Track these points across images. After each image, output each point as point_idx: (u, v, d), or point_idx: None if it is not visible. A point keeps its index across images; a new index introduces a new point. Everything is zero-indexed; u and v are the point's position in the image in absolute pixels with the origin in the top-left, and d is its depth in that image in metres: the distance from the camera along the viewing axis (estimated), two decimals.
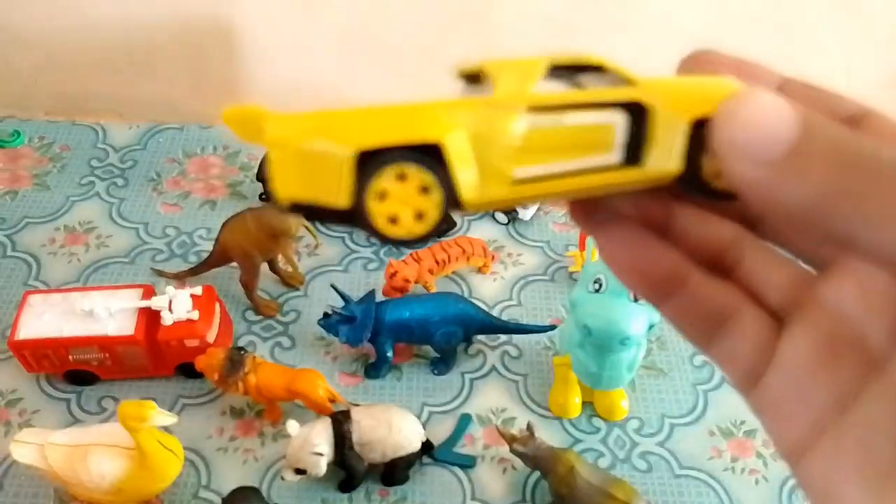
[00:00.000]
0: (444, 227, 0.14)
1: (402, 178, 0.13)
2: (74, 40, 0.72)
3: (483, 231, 0.66)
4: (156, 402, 0.45)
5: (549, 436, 0.52)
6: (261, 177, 0.67)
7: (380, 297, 0.56)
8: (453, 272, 0.62)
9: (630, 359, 0.49)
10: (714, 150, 0.13)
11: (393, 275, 0.58)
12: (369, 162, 0.13)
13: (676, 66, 0.16)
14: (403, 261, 0.59)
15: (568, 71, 0.15)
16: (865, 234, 0.12)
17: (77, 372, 0.54)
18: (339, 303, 0.55)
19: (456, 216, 0.66)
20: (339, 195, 0.13)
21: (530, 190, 0.14)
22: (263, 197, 0.68)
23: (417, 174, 0.13)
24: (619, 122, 0.14)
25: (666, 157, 0.14)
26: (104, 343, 0.52)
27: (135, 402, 0.45)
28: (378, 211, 0.13)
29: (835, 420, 0.13)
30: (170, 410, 0.46)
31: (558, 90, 0.15)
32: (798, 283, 0.15)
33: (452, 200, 0.13)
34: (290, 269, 0.61)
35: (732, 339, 0.15)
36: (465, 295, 0.61)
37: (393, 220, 0.13)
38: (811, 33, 0.70)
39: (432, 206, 0.13)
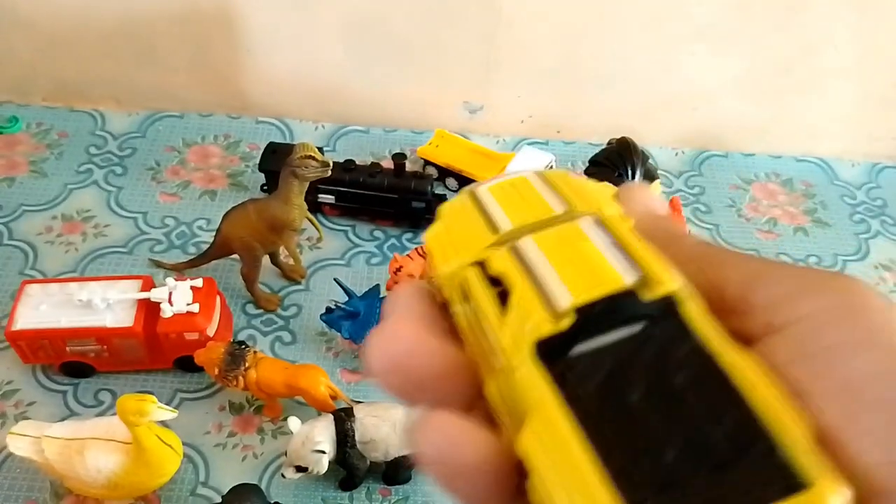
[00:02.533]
0: None
1: None
2: (75, 25, 0.70)
3: None
4: (154, 397, 0.44)
5: None
6: (263, 167, 0.66)
7: (384, 293, 0.55)
8: None
9: None
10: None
11: (397, 270, 0.57)
12: None
13: None
14: (408, 255, 0.58)
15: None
16: None
17: (74, 364, 0.53)
18: (342, 297, 0.54)
19: None
20: None
21: None
22: (265, 188, 0.66)
23: None
24: None
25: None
26: (102, 335, 0.51)
27: (135, 396, 0.44)
28: None
29: None
30: (167, 405, 0.45)
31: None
32: None
33: None
34: (291, 262, 0.60)
35: None
36: None
37: None
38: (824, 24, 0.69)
39: None
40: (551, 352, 0.12)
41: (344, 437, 0.46)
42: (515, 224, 0.15)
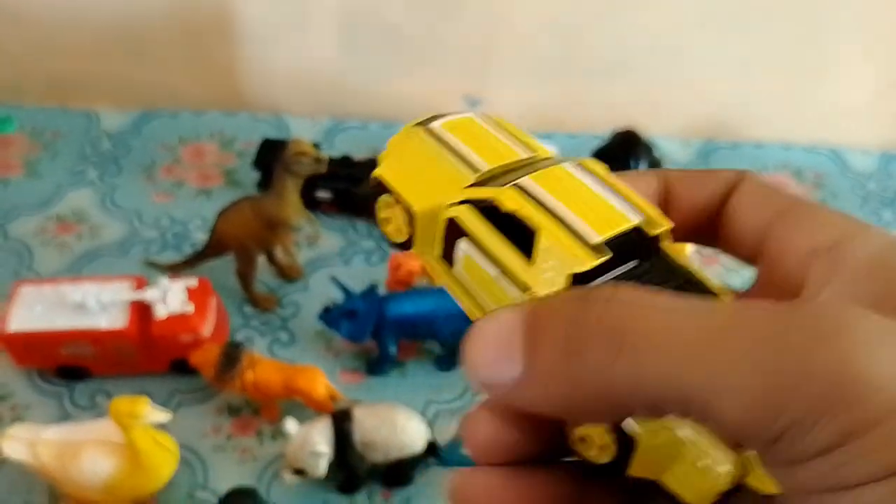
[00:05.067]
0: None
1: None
2: (68, 23, 0.69)
3: None
4: (150, 399, 0.43)
5: None
6: (258, 164, 0.65)
7: (382, 291, 0.54)
8: None
9: None
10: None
11: (397, 267, 0.56)
12: None
13: None
14: (407, 253, 0.57)
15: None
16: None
17: (69, 367, 0.52)
18: (341, 296, 0.53)
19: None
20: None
21: None
22: (261, 185, 0.65)
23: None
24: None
25: None
26: (96, 337, 0.50)
27: (128, 398, 0.43)
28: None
29: None
30: (164, 407, 0.44)
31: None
32: None
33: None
34: (288, 260, 0.59)
35: None
36: None
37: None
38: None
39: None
40: (575, 284, 0.13)
41: (343, 438, 0.45)
42: (490, 164, 0.15)
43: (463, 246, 0.15)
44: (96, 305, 0.50)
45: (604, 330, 0.11)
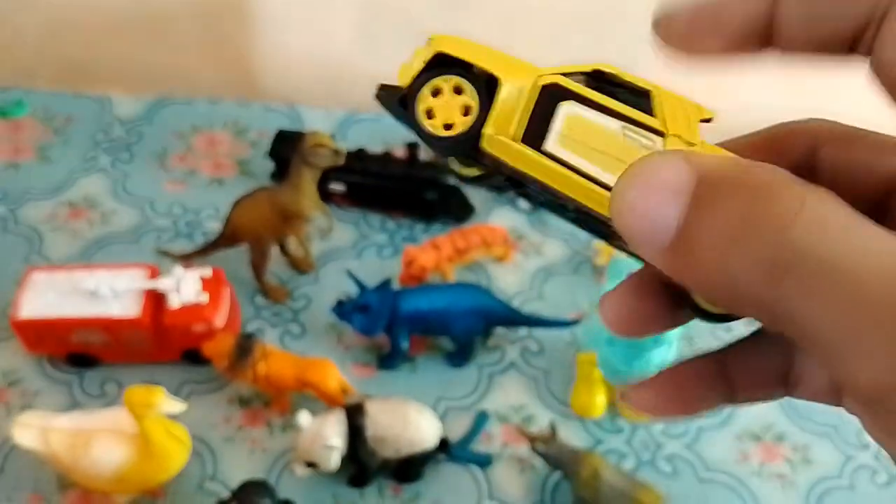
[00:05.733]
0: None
1: None
2: (82, 6, 0.69)
3: (504, 219, 0.63)
4: (163, 388, 0.43)
5: (570, 435, 0.50)
6: (273, 155, 0.64)
7: (396, 286, 0.54)
8: (472, 261, 0.59)
9: (660, 358, 0.47)
10: None
11: (410, 262, 0.55)
12: None
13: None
14: (421, 248, 0.56)
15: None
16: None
17: (79, 354, 0.52)
18: (353, 290, 0.53)
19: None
20: None
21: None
22: (274, 176, 0.65)
23: None
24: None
25: None
26: (108, 325, 0.50)
27: (143, 387, 0.43)
28: None
29: None
30: (174, 397, 0.44)
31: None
32: None
33: None
34: (301, 253, 0.59)
35: (803, 387, 0.15)
36: (484, 285, 0.59)
37: None
38: None
39: None
40: None
41: (356, 433, 0.45)
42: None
43: (566, 109, 0.14)
44: (109, 293, 0.50)
45: (782, 242, 0.10)
